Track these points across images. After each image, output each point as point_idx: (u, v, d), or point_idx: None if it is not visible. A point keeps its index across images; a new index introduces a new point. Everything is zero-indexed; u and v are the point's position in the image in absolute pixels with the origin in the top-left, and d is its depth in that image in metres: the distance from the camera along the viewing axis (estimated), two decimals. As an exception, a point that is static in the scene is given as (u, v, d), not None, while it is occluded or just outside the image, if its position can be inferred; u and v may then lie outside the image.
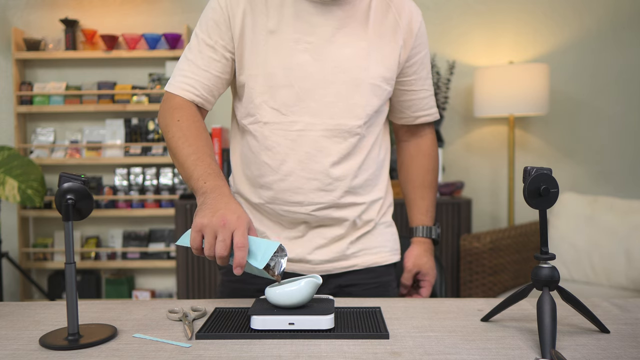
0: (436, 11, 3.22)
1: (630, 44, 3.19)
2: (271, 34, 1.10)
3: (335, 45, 1.11)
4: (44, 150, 3.19)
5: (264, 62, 1.10)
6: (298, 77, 1.10)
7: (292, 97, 1.10)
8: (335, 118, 1.11)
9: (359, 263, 1.21)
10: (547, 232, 0.87)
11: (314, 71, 1.10)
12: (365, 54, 1.12)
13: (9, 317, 1.00)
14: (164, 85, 3.14)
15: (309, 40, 1.10)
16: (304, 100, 1.10)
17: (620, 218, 2.59)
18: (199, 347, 0.83)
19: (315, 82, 1.10)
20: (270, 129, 1.12)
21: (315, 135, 1.11)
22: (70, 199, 0.85)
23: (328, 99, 1.11)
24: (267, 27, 1.10)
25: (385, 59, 1.15)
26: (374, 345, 0.83)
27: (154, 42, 3.13)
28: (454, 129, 3.25)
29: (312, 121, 1.11)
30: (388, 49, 1.15)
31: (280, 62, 1.10)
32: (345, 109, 1.12)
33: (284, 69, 1.10)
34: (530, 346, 0.83)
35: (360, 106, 1.13)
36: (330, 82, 1.10)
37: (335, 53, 1.11)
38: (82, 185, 0.86)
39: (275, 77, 1.10)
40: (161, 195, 3.15)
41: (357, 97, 1.12)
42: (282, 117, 1.11)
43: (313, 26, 1.10)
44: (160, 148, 3.17)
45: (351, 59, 1.11)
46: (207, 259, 2.78)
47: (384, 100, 1.18)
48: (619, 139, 3.23)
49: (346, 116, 1.12)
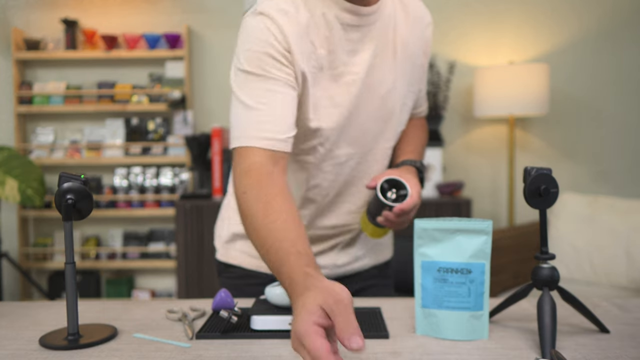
0: (436, 11, 3.21)
1: (630, 44, 3.19)
2: (319, 70, 1.02)
3: (373, 67, 1.06)
4: (44, 150, 3.19)
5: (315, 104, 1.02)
6: (348, 112, 1.05)
7: (340, 133, 1.07)
8: (374, 140, 1.12)
9: (367, 263, 1.26)
10: (547, 232, 0.87)
11: (360, 103, 1.07)
12: (399, 79, 1.11)
13: (9, 317, 1.00)
14: (164, 85, 3.14)
15: (356, 70, 1.04)
16: (348, 132, 1.08)
17: (620, 218, 2.59)
18: (199, 347, 0.83)
19: (359, 113, 1.07)
20: (315, 163, 1.09)
21: (355, 161, 1.12)
22: (70, 199, 0.85)
23: (368, 126, 1.10)
24: (315, 62, 1.01)
25: (411, 77, 1.14)
26: (374, 345, 0.83)
27: (154, 42, 3.13)
28: (454, 129, 3.25)
29: (354, 151, 1.11)
30: (413, 67, 1.14)
31: (331, 101, 1.04)
32: (380, 134, 1.13)
33: (335, 107, 1.04)
34: (530, 346, 0.83)
35: (394, 129, 1.14)
36: (370, 110, 1.09)
37: (372, 77, 1.07)
38: (82, 185, 0.86)
39: (329, 119, 1.04)
40: (161, 195, 3.15)
41: (391, 117, 1.12)
42: (329, 152, 1.08)
43: (354, 53, 1.04)
44: (160, 148, 3.17)
45: (388, 86, 1.09)
46: (206, 259, 2.78)
47: (407, 116, 1.19)
48: (619, 139, 3.23)
49: (381, 140, 1.14)
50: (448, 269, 0.87)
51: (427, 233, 0.88)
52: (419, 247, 0.89)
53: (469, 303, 0.86)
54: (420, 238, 0.89)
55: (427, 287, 0.88)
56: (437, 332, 0.87)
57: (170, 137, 3.17)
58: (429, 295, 0.88)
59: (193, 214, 2.77)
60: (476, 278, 0.86)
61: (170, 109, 3.11)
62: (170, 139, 3.17)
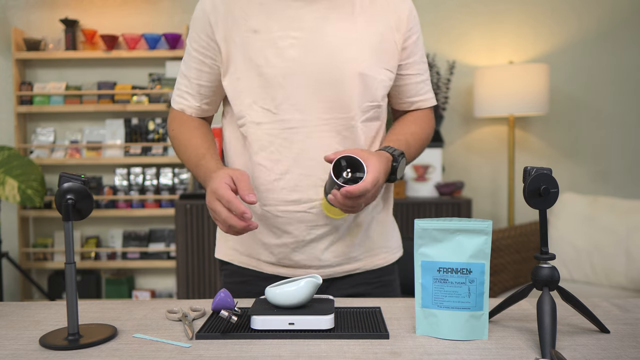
0: (436, 11, 3.22)
1: (630, 44, 3.19)
2: (255, 33, 1.09)
3: (322, 37, 1.08)
4: (44, 150, 3.19)
5: (250, 62, 1.09)
6: (286, 74, 1.08)
7: (282, 94, 1.09)
8: (327, 112, 1.09)
9: (361, 266, 1.19)
10: (547, 232, 0.87)
11: (303, 66, 1.08)
12: (354, 44, 1.09)
13: (9, 317, 1.00)
14: (164, 85, 3.14)
15: (294, 35, 1.08)
16: (294, 96, 1.08)
17: (620, 218, 2.59)
18: (199, 347, 0.83)
19: (304, 78, 1.08)
20: (262, 129, 1.11)
21: (307, 131, 1.09)
22: (70, 199, 0.85)
23: (319, 93, 1.09)
24: (249, 28, 1.09)
25: (376, 46, 1.11)
26: (374, 345, 0.83)
27: (154, 42, 3.13)
28: (454, 129, 3.25)
29: (304, 117, 1.09)
30: (379, 37, 1.12)
31: (266, 60, 1.08)
32: (337, 102, 1.09)
33: (271, 68, 1.08)
34: (530, 346, 0.83)
35: (352, 98, 1.10)
36: (320, 77, 1.08)
37: (323, 46, 1.08)
38: (82, 185, 0.86)
39: (263, 77, 1.09)
40: (161, 195, 3.15)
41: (348, 89, 1.09)
42: (273, 116, 1.09)
43: (297, 20, 1.08)
44: (160, 148, 3.17)
45: (339, 51, 1.09)
46: (206, 259, 2.78)
47: (379, 91, 1.14)
48: (619, 139, 3.23)
49: (338, 110, 1.10)
50: (448, 269, 0.87)
51: (427, 233, 0.88)
52: (419, 247, 0.89)
53: (469, 303, 0.86)
54: (421, 238, 0.89)
55: (427, 287, 0.88)
56: (437, 332, 0.87)
57: (170, 137, 3.17)
58: (429, 295, 0.88)
59: (193, 214, 2.77)
60: (476, 278, 0.86)
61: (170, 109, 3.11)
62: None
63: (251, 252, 1.19)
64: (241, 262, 1.20)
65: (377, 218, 1.21)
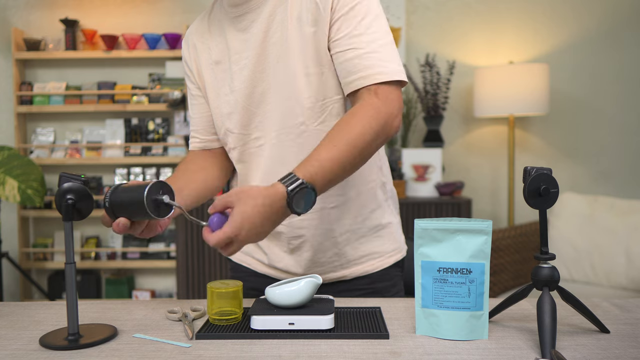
0: (436, 11, 3.22)
1: (630, 44, 3.19)
2: (217, 64, 1.15)
3: (264, 49, 1.08)
4: (44, 150, 3.19)
5: (218, 93, 1.15)
6: (244, 96, 1.11)
7: (246, 117, 1.12)
8: (282, 120, 1.08)
9: (348, 274, 1.16)
10: (547, 232, 0.87)
11: (255, 83, 1.09)
12: (287, 46, 1.05)
13: (9, 317, 1.00)
14: (164, 85, 3.14)
15: (246, 55, 1.10)
16: (255, 114, 1.11)
17: (620, 218, 2.59)
18: (199, 347, 0.83)
19: (258, 94, 1.10)
20: (238, 152, 1.16)
21: (269, 144, 1.10)
22: (70, 199, 0.85)
23: (270, 106, 1.09)
24: (212, 60, 1.15)
25: (308, 41, 1.05)
26: (374, 345, 0.83)
27: (154, 42, 3.13)
28: (454, 129, 3.25)
29: (264, 134, 1.11)
30: (309, 29, 1.04)
31: (230, 88, 1.12)
32: (287, 108, 1.07)
33: (233, 93, 1.12)
34: (530, 346, 0.83)
35: (296, 101, 1.06)
36: (268, 89, 1.08)
37: (265, 58, 1.08)
38: (82, 185, 0.86)
39: (229, 104, 1.13)
40: (161, 195, 3.14)
41: (294, 92, 1.06)
42: (245, 137, 1.13)
43: (245, 41, 1.10)
44: (160, 148, 3.17)
45: (279, 58, 1.06)
46: (206, 259, 2.78)
47: (327, 86, 1.06)
48: (619, 139, 3.23)
49: (288, 116, 1.07)
50: (448, 269, 0.87)
51: (427, 233, 0.88)
52: (419, 247, 0.89)
53: (469, 303, 0.86)
54: (421, 238, 0.89)
55: (427, 287, 0.88)
56: (437, 332, 0.87)
57: (170, 137, 3.17)
58: (429, 295, 0.88)
59: (193, 214, 2.77)
60: (476, 278, 0.86)
61: (170, 109, 3.11)
62: (170, 139, 3.17)
63: (248, 250, 1.23)
64: (240, 259, 1.25)
65: (363, 227, 1.16)
